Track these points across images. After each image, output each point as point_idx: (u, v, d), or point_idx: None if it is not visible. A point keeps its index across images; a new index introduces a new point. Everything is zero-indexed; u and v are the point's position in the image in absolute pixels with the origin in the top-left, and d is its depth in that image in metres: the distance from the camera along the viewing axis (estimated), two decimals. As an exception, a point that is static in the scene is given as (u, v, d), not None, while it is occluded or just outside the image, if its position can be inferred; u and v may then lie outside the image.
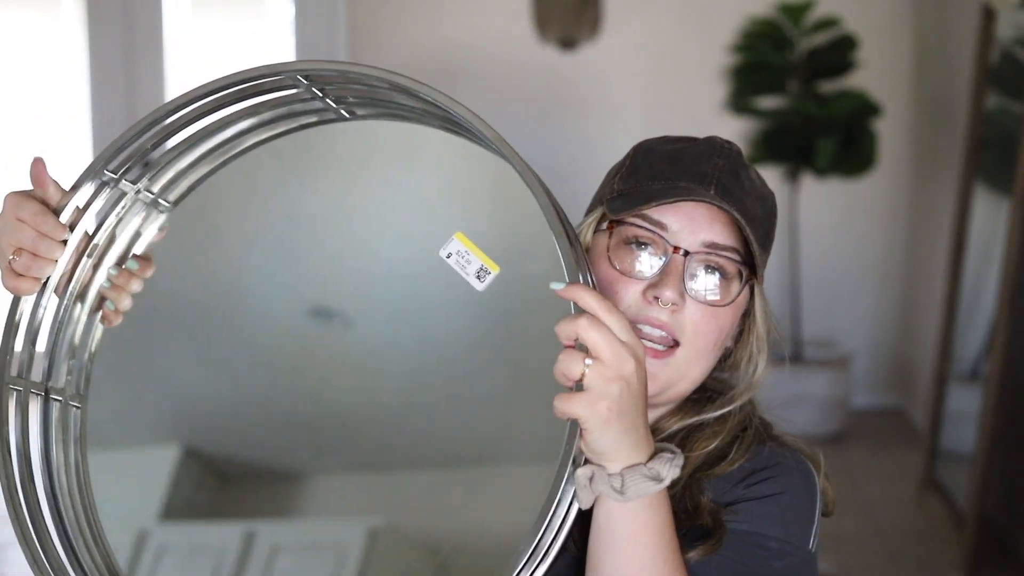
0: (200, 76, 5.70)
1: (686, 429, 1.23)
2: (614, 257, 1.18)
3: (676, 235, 1.17)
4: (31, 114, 5.82)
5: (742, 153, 1.23)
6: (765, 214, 1.21)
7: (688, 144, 1.23)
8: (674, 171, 1.19)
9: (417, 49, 5.46)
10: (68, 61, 5.71)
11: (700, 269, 1.17)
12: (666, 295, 1.15)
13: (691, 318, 1.17)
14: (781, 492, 1.21)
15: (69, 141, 5.74)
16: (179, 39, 5.64)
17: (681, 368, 1.18)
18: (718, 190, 1.17)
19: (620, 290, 1.17)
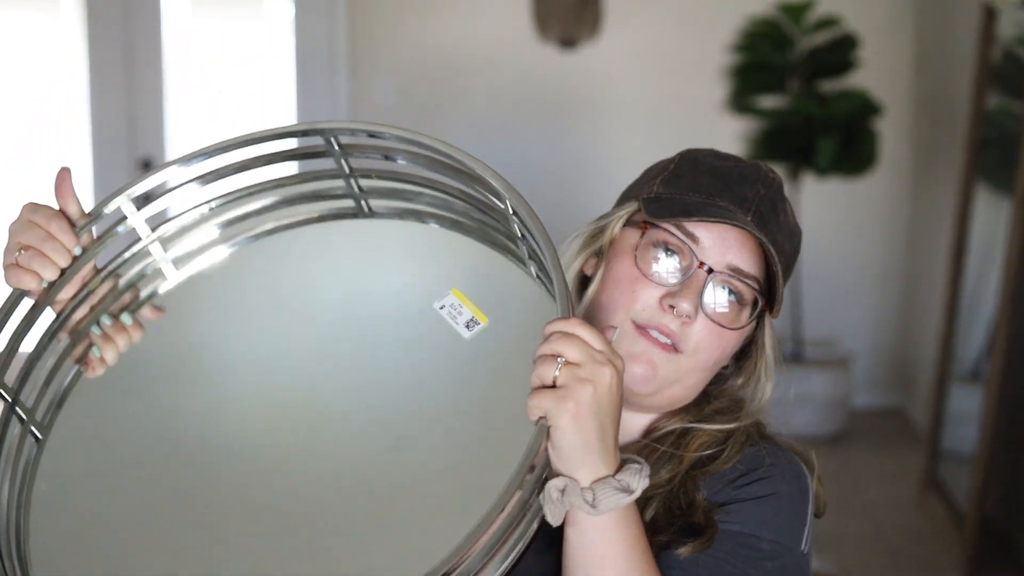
0: (200, 76, 5.71)
1: (682, 429, 1.24)
2: (640, 258, 1.20)
3: (705, 251, 1.19)
4: (31, 114, 5.82)
5: (783, 186, 1.27)
6: (792, 250, 1.26)
7: (735, 164, 1.26)
8: (717, 188, 1.22)
9: (417, 49, 5.46)
10: (68, 61, 5.71)
11: (719, 289, 1.19)
12: (683, 307, 1.17)
13: (699, 333, 1.19)
14: (773, 493, 1.21)
15: (69, 141, 5.74)
16: (179, 39, 5.64)
17: (680, 371, 1.20)
18: (755, 218, 1.20)
19: (638, 290, 1.19)
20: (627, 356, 1.17)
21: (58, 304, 1.19)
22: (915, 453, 4.60)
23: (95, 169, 5.66)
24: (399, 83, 5.48)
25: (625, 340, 1.19)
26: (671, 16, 5.35)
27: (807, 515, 1.23)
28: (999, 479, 3.62)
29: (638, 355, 1.19)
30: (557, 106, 5.32)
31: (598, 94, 5.38)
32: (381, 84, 5.49)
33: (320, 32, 5.56)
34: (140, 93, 5.64)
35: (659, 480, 1.20)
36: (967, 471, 3.73)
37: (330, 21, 5.54)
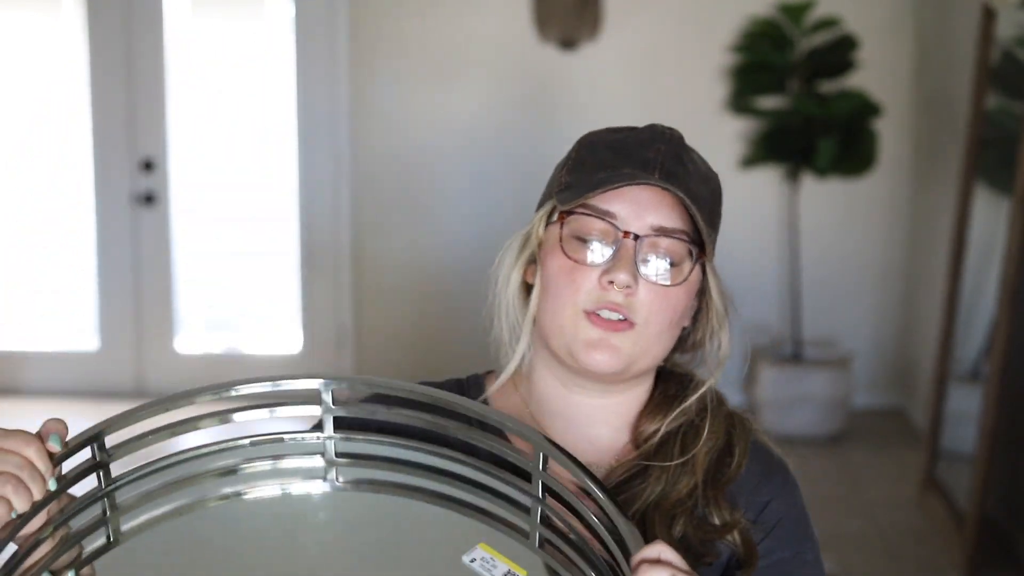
0: (200, 76, 5.71)
1: (679, 433, 1.26)
2: (567, 247, 1.21)
3: (625, 221, 1.20)
4: (31, 114, 5.82)
5: (683, 138, 1.28)
6: (710, 194, 1.25)
7: (630, 133, 1.28)
8: (618, 160, 1.23)
9: (417, 49, 5.46)
10: (68, 61, 5.71)
11: (650, 252, 1.20)
12: (620, 278, 1.18)
13: (644, 300, 1.20)
14: (796, 499, 1.28)
15: (69, 141, 5.74)
16: (179, 39, 5.64)
17: (641, 344, 1.21)
18: (662, 174, 1.21)
19: (577, 279, 1.20)
20: (586, 345, 1.20)
21: (19, 539, 1.07)
22: (915, 453, 4.60)
23: (95, 169, 5.66)
24: (399, 84, 5.48)
25: (580, 330, 1.20)
26: (671, 16, 5.36)
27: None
28: (999, 479, 3.62)
29: (596, 342, 1.20)
30: (557, 106, 5.33)
31: (598, 94, 5.38)
32: (381, 85, 5.49)
33: (320, 32, 5.56)
34: (140, 93, 5.64)
35: (680, 495, 1.21)
36: (967, 471, 3.74)
37: (330, 21, 5.54)
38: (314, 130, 5.58)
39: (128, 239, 5.68)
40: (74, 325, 5.88)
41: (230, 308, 5.91)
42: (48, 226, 5.85)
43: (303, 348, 5.71)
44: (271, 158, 5.72)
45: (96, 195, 5.68)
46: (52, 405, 5.62)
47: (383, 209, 5.53)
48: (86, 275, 5.78)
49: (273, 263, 5.78)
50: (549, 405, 1.28)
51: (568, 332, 1.21)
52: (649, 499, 1.21)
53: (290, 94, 5.60)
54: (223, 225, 5.79)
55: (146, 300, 5.73)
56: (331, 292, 5.65)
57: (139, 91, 5.63)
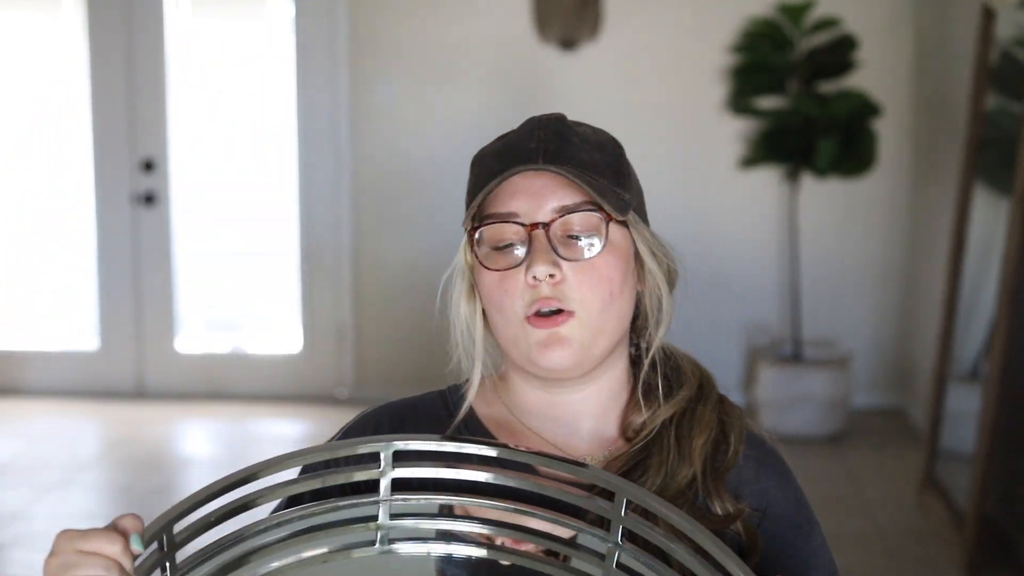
0: (200, 76, 5.71)
1: (673, 422, 1.25)
2: (488, 261, 1.22)
3: (528, 214, 1.20)
4: (31, 114, 5.82)
5: (565, 117, 1.28)
6: (608, 156, 1.25)
7: (510, 134, 1.27)
8: (504, 162, 1.23)
9: (417, 49, 5.46)
10: (68, 61, 5.71)
11: (563, 234, 1.20)
12: (539, 270, 1.19)
13: (575, 282, 1.20)
14: (794, 483, 1.29)
15: (69, 141, 5.75)
16: (179, 39, 5.64)
17: (589, 326, 1.21)
18: (545, 157, 1.21)
19: (507, 287, 1.21)
20: (538, 347, 1.21)
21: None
22: (914, 452, 4.60)
23: (95, 169, 5.67)
24: (399, 84, 5.49)
25: (529, 336, 1.21)
26: (671, 17, 5.36)
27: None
28: (998, 478, 3.63)
29: (545, 341, 1.21)
30: (557, 107, 5.30)
31: (598, 95, 5.39)
32: (381, 85, 5.50)
33: (320, 32, 5.56)
34: (140, 93, 5.64)
35: (679, 487, 1.21)
36: (966, 470, 3.74)
37: (330, 21, 5.54)
38: (314, 130, 5.59)
39: (128, 239, 5.69)
40: (74, 325, 5.89)
41: (230, 308, 5.91)
42: (48, 226, 5.85)
43: (303, 348, 5.72)
44: (271, 158, 5.72)
45: (96, 195, 5.68)
46: (52, 405, 5.63)
47: (383, 209, 5.53)
48: (86, 275, 5.78)
49: (273, 263, 5.78)
50: (533, 409, 1.28)
51: (520, 342, 1.22)
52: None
53: (290, 94, 5.60)
54: (223, 225, 5.79)
55: (146, 300, 5.73)
56: (331, 292, 5.65)
57: (139, 91, 5.63)
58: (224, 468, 5.14)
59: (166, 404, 5.62)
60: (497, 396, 1.31)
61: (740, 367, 5.48)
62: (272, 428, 5.34)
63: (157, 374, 5.76)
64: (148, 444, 5.05)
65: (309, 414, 5.46)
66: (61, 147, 5.77)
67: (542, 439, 1.28)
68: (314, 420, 5.38)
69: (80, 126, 5.69)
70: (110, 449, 5.01)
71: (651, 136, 5.38)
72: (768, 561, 1.23)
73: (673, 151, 5.41)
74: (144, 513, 1.06)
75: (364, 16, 5.49)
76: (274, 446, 5.11)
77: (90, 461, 4.83)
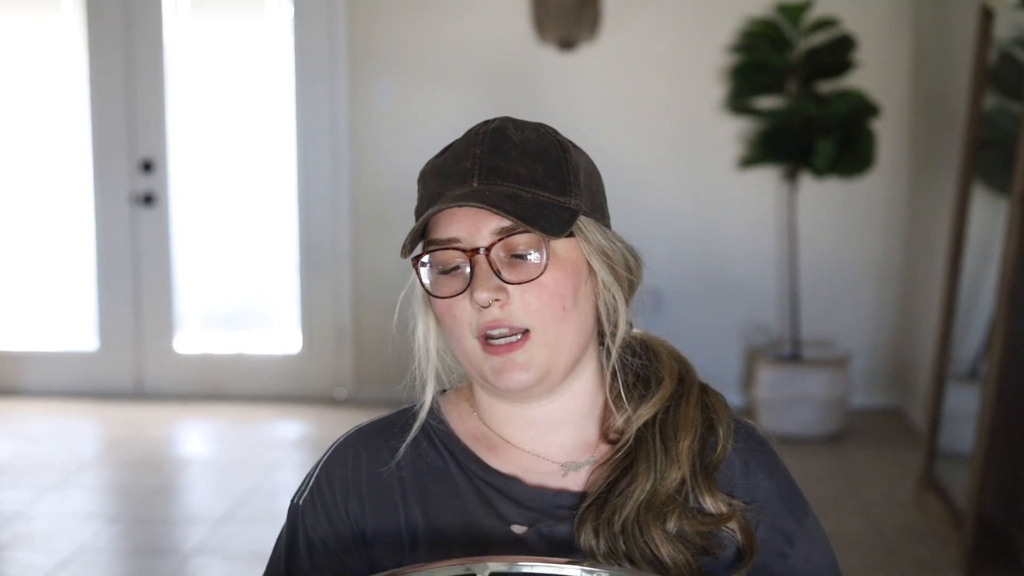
0: (200, 76, 5.72)
1: (656, 421, 1.24)
2: (435, 288, 1.21)
3: (468, 239, 1.18)
4: (31, 114, 5.82)
5: (503, 125, 1.24)
6: (550, 164, 1.21)
7: (449, 150, 1.24)
8: (442, 184, 1.21)
9: (417, 49, 5.46)
10: (68, 61, 5.72)
11: (505, 256, 1.18)
12: (481, 297, 1.17)
13: (523, 303, 1.18)
14: (784, 470, 1.28)
15: (69, 141, 5.75)
16: (178, 39, 5.64)
17: (547, 346, 1.19)
18: (480, 179, 1.19)
19: (457, 312, 1.19)
20: (496, 373, 1.19)
21: None
22: (913, 452, 4.60)
23: (95, 169, 5.67)
24: (398, 84, 5.49)
25: (484, 360, 1.19)
26: (670, 17, 5.36)
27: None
28: (997, 478, 3.63)
29: (503, 367, 1.19)
30: (556, 107, 5.33)
31: (597, 95, 5.39)
32: (380, 85, 5.50)
33: (320, 33, 5.56)
34: (140, 93, 5.64)
35: (669, 490, 1.20)
36: (965, 470, 3.74)
37: (330, 22, 5.55)
38: (313, 131, 5.59)
39: (128, 239, 5.69)
40: (73, 325, 5.89)
41: (229, 308, 5.91)
42: (48, 226, 5.85)
43: (302, 348, 5.72)
44: (270, 159, 5.72)
45: (96, 195, 5.68)
46: (51, 405, 5.63)
47: (382, 209, 5.53)
48: (86, 275, 5.78)
49: (272, 263, 5.78)
50: (508, 420, 1.26)
51: (476, 362, 1.20)
52: (640, 499, 1.19)
53: (289, 95, 5.61)
54: (222, 226, 5.79)
55: (145, 300, 5.73)
56: (330, 292, 5.65)
57: (139, 91, 5.63)
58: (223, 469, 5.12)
59: (165, 404, 5.62)
60: (470, 408, 1.30)
61: (739, 367, 5.48)
62: (271, 429, 5.34)
63: (156, 374, 5.76)
64: (147, 444, 5.05)
65: (308, 415, 5.46)
66: (60, 147, 5.77)
67: (521, 451, 1.26)
68: (313, 421, 5.38)
69: (79, 126, 5.69)
70: (109, 449, 5.02)
71: (650, 136, 5.39)
72: (763, 552, 1.22)
73: (672, 151, 5.41)
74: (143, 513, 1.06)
75: (363, 17, 5.49)
76: (273, 447, 5.11)
77: (89, 461, 4.83)
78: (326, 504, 1.27)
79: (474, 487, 1.25)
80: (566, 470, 1.24)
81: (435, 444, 1.28)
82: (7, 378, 5.81)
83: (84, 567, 3.71)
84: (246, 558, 3.73)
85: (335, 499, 1.27)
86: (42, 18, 5.74)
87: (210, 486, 4.65)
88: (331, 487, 1.27)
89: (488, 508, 1.24)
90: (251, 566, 3.68)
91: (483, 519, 1.23)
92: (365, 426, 1.31)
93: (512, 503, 1.23)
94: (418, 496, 1.25)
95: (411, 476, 1.26)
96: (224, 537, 3.93)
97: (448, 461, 1.26)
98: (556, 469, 1.25)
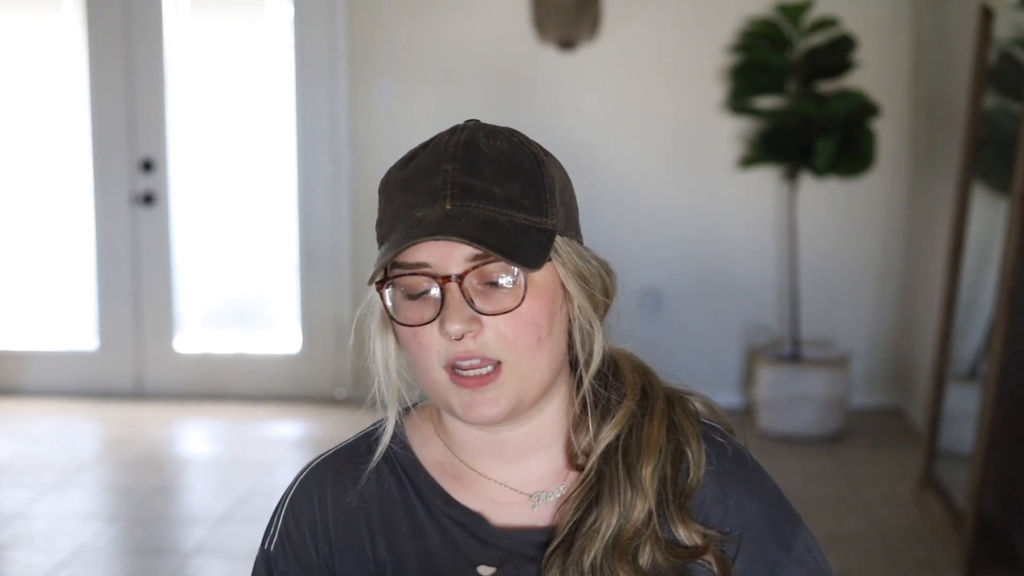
0: (200, 76, 5.72)
1: (619, 444, 1.16)
2: (399, 315, 1.13)
3: (439, 265, 1.10)
4: (31, 114, 5.82)
5: (474, 135, 1.17)
6: (526, 180, 1.13)
7: (415, 161, 1.17)
8: (410, 201, 1.13)
9: (416, 49, 5.46)
10: (68, 61, 5.72)
11: (478, 284, 1.11)
12: (453, 329, 1.09)
13: (496, 334, 1.11)
14: (766, 484, 1.21)
15: (69, 141, 5.75)
16: (178, 39, 5.64)
17: (519, 378, 1.12)
18: (453, 200, 1.10)
19: (423, 341, 1.12)
20: (467, 407, 1.12)
21: None
22: (913, 452, 4.60)
23: (95, 169, 5.67)
24: (398, 84, 5.49)
25: (451, 392, 1.12)
26: (670, 17, 5.36)
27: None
28: (997, 478, 3.63)
29: (472, 401, 1.12)
30: (556, 107, 5.33)
31: (597, 95, 5.39)
32: (380, 85, 5.50)
33: (320, 33, 5.56)
34: (140, 93, 5.64)
35: (637, 524, 1.13)
36: (965, 470, 3.74)
37: (330, 22, 5.54)
38: (313, 131, 5.59)
39: (127, 239, 5.69)
40: (73, 325, 5.89)
41: (229, 308, 5.91)
42: (48, 226, 5.85)
43: (302, 348, 5.72)
44: (270, 159, 5.72)
45: (95, 195, 5.68)
46: (51, 405, 5.63)
47: (382, 209, 5.53)
48: (85, 275, 5.78)
49: (272, 263, 5.78)
50: (475, 449, 1.20)
51: (443, 394, 1.13)
52: (606, 537, 1.12)
53: (289, 95, 5.61)
54: (222, 225, 5.79)
55: (145, 300, 5.73)
56: (330, 292, 5.65)
57: (138, 91, 5.63)
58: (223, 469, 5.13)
59: (165, 404, 5.62)
60: (435, 433, 1.23)
61: (739, 367, 5.48)
62: (271, 428, 5.34)
63: (156, 374, 5.76)
64: (147, 444, 5.05)
65: (308, 414, 5.46)
66: (60, 147, 5.77)
67: (489, 480, 1.20)
68: (313, 420, 5.38)
69: (79, 126, 5.69)
70: (109, 449, 5.02)
71: (650, 136, 5.39)
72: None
73: (672, 151, 5.41)
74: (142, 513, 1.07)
75: (363, 17, 5.49)
76: (273, 447, 5.11)
77: (89, 461, 4.83)
78: (296, 548, 1.23)
79: (438, 525, 1.19)
80: (535, 501, 1.19)
81: (398, 474, 1.22)
82: (7, 378, 5.81)
83: (84, 567, 3.71)
84: (246, 558, 3.73)
85: (304, 541, 1.22)
86: (42, 18, 5.74)
87: (210, 486, 4.65)
88: (299, 529, 1.22)
89: (453, 549, 1.18)
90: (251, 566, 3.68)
91: (449, 562, 1.18)
92: (328, 456, 1.25)
93: (479, 542, 1.18)
94: (383, 533, 1.20)
95: (376, 509, 1.21)
96: (224, 537, 3.93)
97: (411, 494, 1.20)
98: (525, 500, 1.19)
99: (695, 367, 5.21)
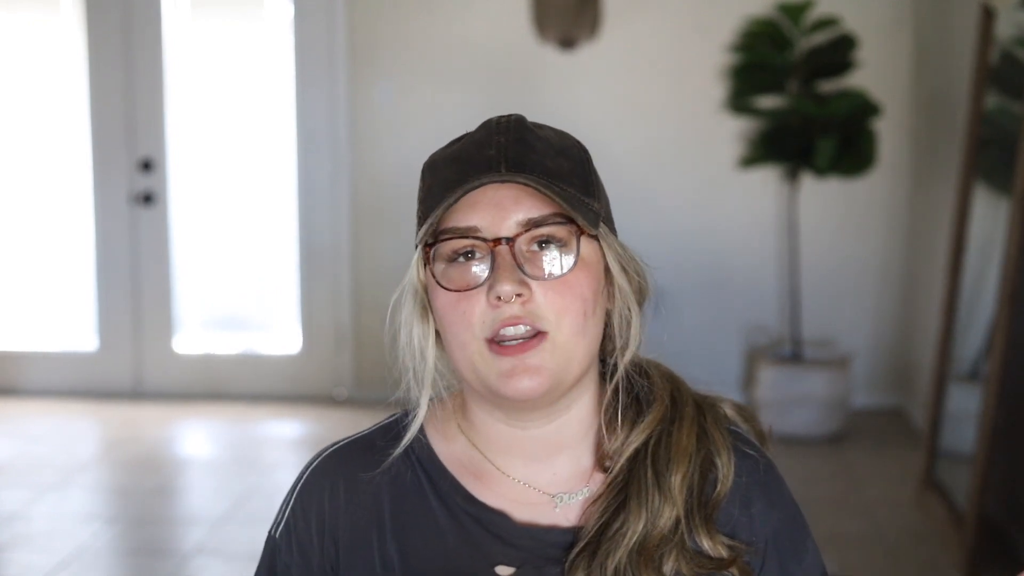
0: (200, 76, 5.71)
1: (648, 448, 1.16)
2: (445, 280, 1.11)
3: (490, 228, 1.10)
4: (31, 114, 5.82)
5: (524, 119, 1.18)
6: (575, 163, 1.15)
7: (466, 138, 1.17)
8: (461, 171, 1.11)
9: (416, 49, 5.46)
10: (68, 61, 5.71)
11: (529, 248, 1.10)
12: (504, 290, 1.07)
13: (545, 301, 1.09)
14: (786, 494, 1.21)
15: (68, 141, 5.74)
16: (178, 39, 5.64)
17: (561, 351, 1.10)
18: (508, 166, 1.10)
19: (466, 308, 1.10)
20: (501, 377, 1.09)
21: None
22: (914, 453, 4.60)
23: (94, 169, 5.66)
24: (398, 84, 5.49)
25: (490, 363, 1.10)
26: (670, 16, 5.36)
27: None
28: (998, 478, 3.62)
29: (510, 371, 1.09)
30: (557, 107, 5.33)
31: (597, 95, 5.39)
32: (380, 85, 5.49)
33: (320, 33, 5.56)
34: (139, 93, 5.64)
35: (663, 532, 1.12)
36: (966, 470, 3.74)
37: (330, 22, 5.54)
38: (313, 130, 5.58)
39: (127, 239, 5.68)
40: (73, 325, 5.88)
41: (229, 308, 5.91)
42: (48, 226, 5.85)
43: (302, 348, 5.71)
44: (270, 158, 5.72)
45: (95, 195, 5.68)
46: (50, 405, 5.62)
47: (382, 209, 5.53)
48: (85, 275, 5.78)
49: (272, 263, 5.78)
50: (499, 445, 1.18)
51: (480, 367, 1.10)
52: (631, 543, 1.11)
53: (289, 95, 5.60)
54: (222, 225, 5.79)
55: (145, 300, 5.73)
56: (330, 292, 5.65)
57: (138, 91, 5.63)
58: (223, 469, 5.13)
59: (164, 404, 5.61)
60: (457, 428, 1.20)
61: (740, 367, 5.48)
62: (271, 429, 5.33)
63: (155, 374, 5.76)
64: (146, 445, 5.04)
65: (308, 415, 5.45)
66: (60, 147, 5.76)
67: (511, 479, 1.18)
68: (313, 421, 5.38)
69: (78, 126, 5.69)
70: (108, 449, 5.01)
71: (650, 136, 5.38)
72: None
73: (672, 151, 5.40)
74: (142, 513, 1.06)
75: (363, 17, 5.48)
76: (273, 447, 5.10)
77: (88, 461, 4.82)
78: (300, 538, 1.20)
79: (457, 522, 1.16)
80: (558, 502, 1.17)
81: (415, 469, 1.19)
82: (7, 378, 5.81)
83: (84, 567, 3.70)
84: (246, 558, 3.72)
85: (309, 533, 1.20)
86: (42, 18, 5.73)
87: (210, 486, 4.65)
88: (306, 520, 1.20)
89: (472, 548, 1.15)
90: (250, 566, 3.67)
91: (465, 561, 1.15)
92: (343, 446, 1.23)
93: (499, 541, 1.15)
94: (394, 528, 1.17)
95: (388, 504, 1.18)
96: (223, 537, 3.93)
97: (428, 490, 1.18)
98: (547, 501, 1.17)
99: (695, 367, 5.20)
